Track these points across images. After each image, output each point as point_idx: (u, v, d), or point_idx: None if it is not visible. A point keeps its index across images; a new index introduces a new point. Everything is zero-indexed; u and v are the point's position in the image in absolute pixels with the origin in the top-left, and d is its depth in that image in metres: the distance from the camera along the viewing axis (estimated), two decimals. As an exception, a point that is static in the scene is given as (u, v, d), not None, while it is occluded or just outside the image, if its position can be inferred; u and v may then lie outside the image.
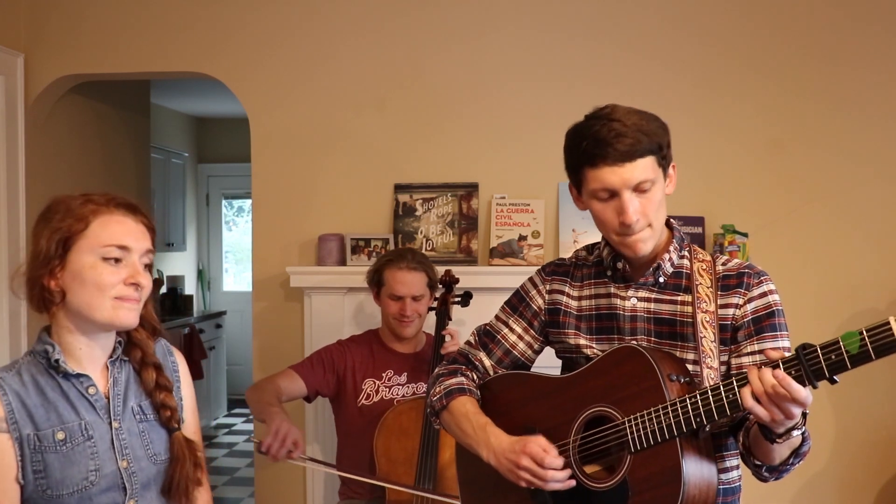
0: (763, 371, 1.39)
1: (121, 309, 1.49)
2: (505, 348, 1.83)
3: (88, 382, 1.52)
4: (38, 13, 3.59)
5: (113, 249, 1.49)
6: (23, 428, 1.44)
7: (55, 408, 1.48)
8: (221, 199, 7.96)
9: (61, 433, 1.46)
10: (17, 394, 1.46)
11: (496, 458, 1.66)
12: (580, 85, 3.37)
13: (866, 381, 3.31)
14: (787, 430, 1.44)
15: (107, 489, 1.48)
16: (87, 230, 1.49)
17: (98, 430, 1.50)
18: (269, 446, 2.42)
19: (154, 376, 1.59)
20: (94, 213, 1.51)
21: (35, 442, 1.44)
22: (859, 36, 3.34)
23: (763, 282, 1.64)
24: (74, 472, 1.46)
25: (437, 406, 1.80)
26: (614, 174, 1.55)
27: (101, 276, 1.48)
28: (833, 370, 1.33)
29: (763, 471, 1.57)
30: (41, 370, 1.50)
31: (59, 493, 1.44)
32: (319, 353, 2.80)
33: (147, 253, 1.54)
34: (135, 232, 1.52)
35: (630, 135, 1.54)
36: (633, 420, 1.52)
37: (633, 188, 1.56)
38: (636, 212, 1.56)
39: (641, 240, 1.59)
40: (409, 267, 2.72)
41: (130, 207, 1.55)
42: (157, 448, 1.57)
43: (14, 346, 3.40)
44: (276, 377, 2.71)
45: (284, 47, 3.50)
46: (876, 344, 1.28)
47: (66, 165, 3.88)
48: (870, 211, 3.34)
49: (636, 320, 1.67)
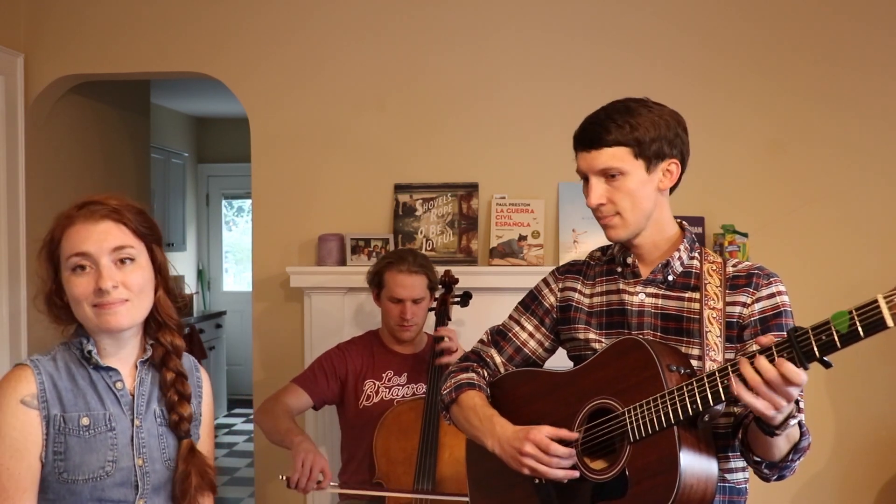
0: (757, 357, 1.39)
1: (102, 315, 1.49)
2: (516, 346, 1.87)
3: (117, 377, 1.55)
4: (38, 13, 3.59)
5: (74, 259, 1.49)
6: (52, 408, 1.47)
7: (83, 395, 1.51)
8: (221, 199, 7.96)
9: (86, 419, 1.49)
10: (51, 375, 1.50)
11: (500, 446, 1.68)
12: (580, 85, 3.37)
13: (866, 381, 3.31)
14: (783, 420, 1.44)
15: (120, 483, 1.50)
16: (60, 246, 1.51)
17: (120, 424, 1.52)
18: (297, 481, 2.37)
19: (172, 378, 1.59)
20: (62, 227, 1.51)
21: (61, 423, 1.47)
22: (859, 36, 3.34)
23: (773, 283, 1.66)
24: (93, 460, 1.48)
25: (447, 400, 1.84)
26: (582, 159, 1.69)
27: (73, 289, 1.49)
28: (824, 350, 1.33)
29: (763, 468, 1.57)
30: (74, 359, 1.53)
31: (75, 479, 1.47)
32: (320, 362, 2.80)
33: (117, 250, 1.50)
34: (93, 234, 1.49)
35: (604, 125, 1.65)
36: (633, 410, 1.54)
37: (599, 174, 1.66)
38: (598, 196, 1.66)
39: (611, 226, 1.69)
40: (409, 270, 2.72)
41: (92, 211, 1.51)
42: (172, 454, 1.58)
43: (14, 346, 3.40)
44: (281, 395, 2.70)
45: (284, 47, 3.50)
46: (865, 322, 1.29)
47: (66, 165, 3.88)
48: (870, 211, 3.34)
49: (643, 315, 1.69)
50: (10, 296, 3.40)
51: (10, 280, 3.40)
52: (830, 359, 1.35)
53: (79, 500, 1.48)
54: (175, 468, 1.57)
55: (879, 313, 1.28)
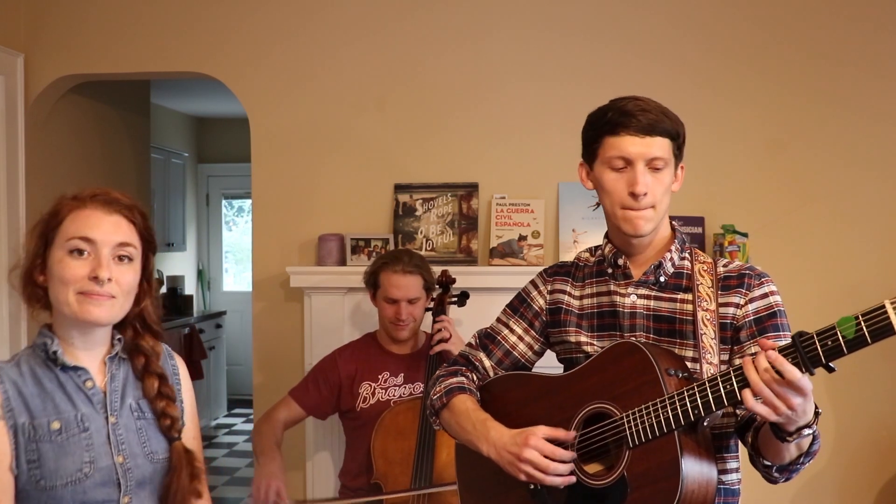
0: (758, 357, 1.39)
1: (85, 304, 1.47)
2: (505, 349, 1.84)
3: (86, 376, 1.52)
4: (38, 13, 3.59)
5: (76, 242, 1.48)
6: (18, 416, 1.44)
7: (52, 398, 1.48)
8: (221, 199, 7.96)
9: (56, 423, 1.46)
10: (14, 382, 1.46)
11: (497, 451, 1.64)
12: (580, 85, 3.37)
13: (867, 381, 3.31)
14: (799, 427, 1.42)
15: (101, 483, 1.47)
16: (61, 226, 1.50)
17: (94, 423, 1.50)
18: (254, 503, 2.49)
19: (157, 385, 1.58)
20: (69, 208, 1.51)
21: (30, 431, 1.44)
22: (859, 36, 3.34)
23: (764, 283, 1.65)
24: (68, 463, 1.45)
25: (438, 405, 1.80)
26: (634, 144, 1.61)
27: (64, 270, 1.47)
28: (829, 356, 1.32)
29: (773, 471, 1.55)
30: (40, 362, 1.51)
31: (53, 484, 1.44)
32: (314, 372, 2.83)
33: (121, 246, 1.50)
34: (104, 224, 1.49)
35: (654, 112, 1.62)
36: (631, 415, 1.52)
37: (648, 163, 1.61)
38: (646, 185, 1.60)
39: (644, 217, 1.63)
40: (404, 270, 2.72)
41: (108, 201, 1.52)
42: (155, 446, 1.56)
43: (14, 346, 3.40)
44: (274, 411, 2.76)
45: (284, 47, 3.50)
46: (872, 328, 1.27)
47: (66, 165, 3.88)
48: (869, 211, 3.34)
49: (635, 317, 1.68)
50: (10, 295, 3.40)
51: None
52: (835, 363, 1.33)
53: None
54: (171, 471, 1.55)
55: (887, 319, 1.26)
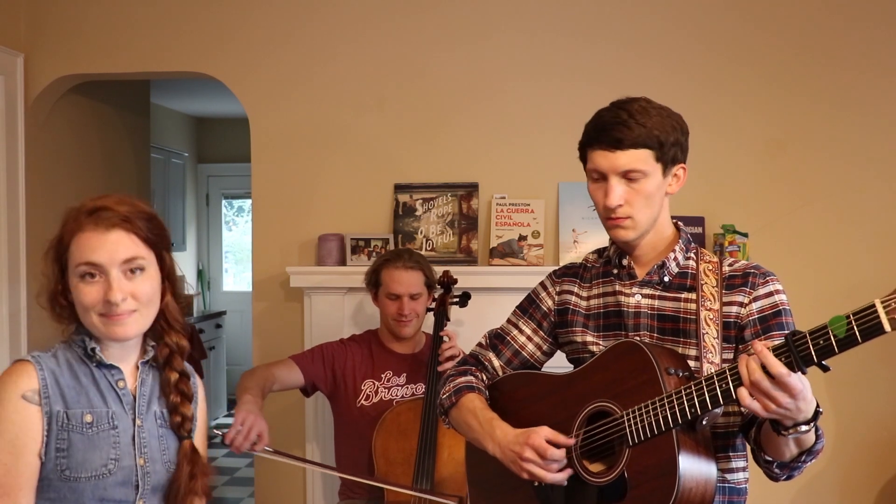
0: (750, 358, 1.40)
1: (109, 325, 1.48)
2: (514, 349, 1.87)
3: (119, 376, 1.54)
4: (38, 13, 3.59)
5: (83, 268, 1.47)
6: (54, 404, 1.46)
7: (86, 392, 1.50)
8: (221, 199, 7.96)
9: (89, 416, 1.48)
10: (52, 371, 1.48)
11: (501, 450, 1.68)
12: (580, 85, 3.37)
13: (866, 381, 3.31)
14: (797, 423, 1.44)
15: (122, 483, 1.49)
16: (69, 251, 1.50)
17: (122, 422, 1.52)
18: (232, 438, 2.42)
19: (175, 378, 1.59)
20: (71, 232, 1.50)
21: (64, 419, 1.46)
22: (860, 36, 3.34)
23: (769, 282, 1.66)
24: (96, 458, 1.47)
25: (447, 403, 1.84)
26: (605, 158, 1.63)
27: (81, 297, 1.48)
28: (821, 355, 1.34)
29: (774, 467, 1.57)
30: (76, 357, 1.52)
31: (77, 476, 1.46)
32: (322, 348, 2.82)
33: (128, 262, 1.48)
34: (105, 245, 1.47)
35: (629, 125, 1.60)
36: (631, 413, 1.54)
37: (622, 175, 1.62)
38: (619, 197, 1.63)
39: (622, 227, 1.66)
40: (405, 266, 2.73)
41: (104, 218, 1.48)
42: (172, 456, 1.57)
43: (14, 346, 3.40)
44: (273, 365, 2.74)
45: (284, 47, 3.50)
46: (862, 327, 1.29)
47: (66, 165, 3.88)
48: (869, 211, 3.34)
49: (640, 317, 1.69)
50: (10, 295, 3.40)
51: (10, 280, 3.40)
52: (829, 362, 1.35)
53: (80, 498, 1.46)
54: (176, 469, 1.56)
55: (877, 318, 1.28)
